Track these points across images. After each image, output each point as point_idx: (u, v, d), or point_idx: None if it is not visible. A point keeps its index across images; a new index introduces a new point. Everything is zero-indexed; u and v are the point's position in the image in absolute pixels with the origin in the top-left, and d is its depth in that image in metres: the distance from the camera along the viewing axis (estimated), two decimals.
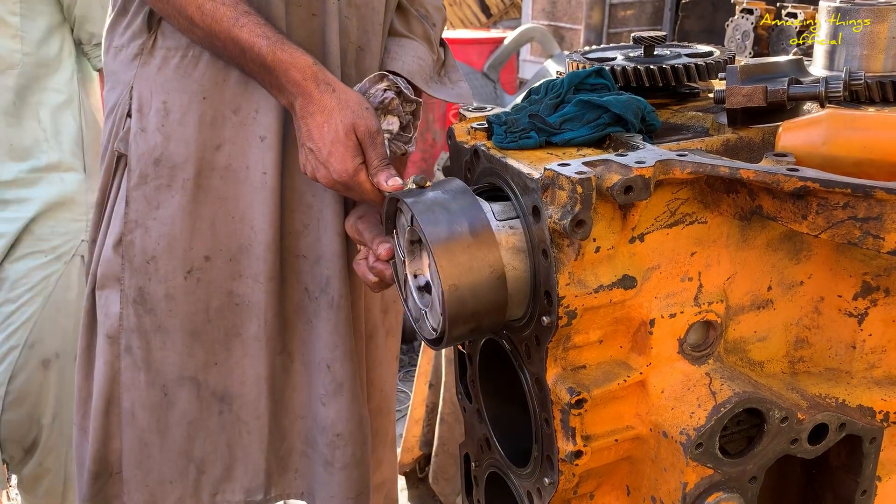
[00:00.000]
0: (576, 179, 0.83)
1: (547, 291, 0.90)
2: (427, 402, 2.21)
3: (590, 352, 0.95)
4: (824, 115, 0.93)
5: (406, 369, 3.61)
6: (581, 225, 0.85)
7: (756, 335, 1.00)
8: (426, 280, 1.02)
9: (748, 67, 1.05)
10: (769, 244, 0.96)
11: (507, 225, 0.94)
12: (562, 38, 8.66)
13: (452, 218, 0.92)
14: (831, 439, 0.96)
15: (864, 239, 0.80)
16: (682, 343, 0.96)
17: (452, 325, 0.92)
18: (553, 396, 0.94)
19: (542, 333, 0.93)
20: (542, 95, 1.08)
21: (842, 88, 1.01)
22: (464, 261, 0.90)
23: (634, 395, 0.97)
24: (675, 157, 0.87)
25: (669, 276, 0.94)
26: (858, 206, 0.79)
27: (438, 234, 0.91)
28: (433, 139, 5.28)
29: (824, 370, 1.01)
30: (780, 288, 0.98)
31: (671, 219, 0.91)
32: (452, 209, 0.93)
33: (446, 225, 0.91)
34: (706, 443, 0.91)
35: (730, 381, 0.94)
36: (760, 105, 1.03)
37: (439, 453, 2.11)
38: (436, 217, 0.92)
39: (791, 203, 0.83)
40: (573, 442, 0.94)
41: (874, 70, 1.16)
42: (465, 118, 1.13)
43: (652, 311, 0.93)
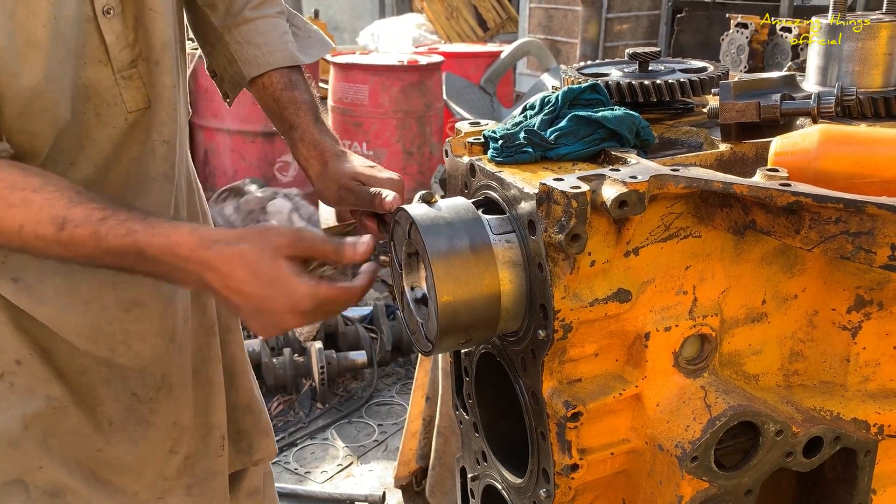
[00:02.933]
0: (571, 194, 0.84)
1: (543, 305, 0.90)
2: (424, 415, 2.21)
3: (585, 365, 0.96)
4: (817, 131, 0.94)
5: (403, 382, 3.60)
6: (576, 239, 0.85)
7: (751, 348, 1.01)
8: (423, 293, 1.03)
9: (741, 83, 1.06)
10: (763, 258, 0.97)
11: (503, 238, 0.95)
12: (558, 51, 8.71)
13: (454, 233, 0.93)
14: (826, 452, 0.97)
15: (856, 253, 0.81)
16: (677, 356, 0.96)
17: (443, 335, 0.94)
18: (549, 409, 0.94)
19: (537, 347, 0.93)
20: (538, 110, 1.09)
21: (834, 104, 1.02)
22: (461, 275, 0.92)
23: (630, 408, 0.97)
24: (670, 172, 0.88)
25: (664, 290, 0.94)
26: (850, 220, 0.80)
27: (439, 247, 0.92)
28: (430, 152, 5.30)
29: (819, 383, 1.01)
30: (774, 301, 0.99)
31: (666, 233, 0.92)
32: (455, 225, 0.94)
33: (447, 239, 0.93)
34: (701, 456, 0.91)
35: (725, 395, 0.95)
36: (753, 120, 1.04)
37: (436, 466, 2.11)
38: (437, 231, 0.93)
39: (784, 218, 0.84)
40: (569, 455, 0.95)
41: (866, 86, 1.17)
42: (461, 133, 1.13)
43: (647, 324, 0.93)
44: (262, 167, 4.83)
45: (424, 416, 2.20)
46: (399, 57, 5.60)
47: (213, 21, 1.44)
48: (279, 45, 1.43)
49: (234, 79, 1.46)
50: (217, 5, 1.44)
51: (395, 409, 3.43)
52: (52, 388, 1.31)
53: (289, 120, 1.42)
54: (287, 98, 1.42)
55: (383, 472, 3.02)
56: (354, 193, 1.30)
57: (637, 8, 8.53)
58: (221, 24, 1.44)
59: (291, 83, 1.43)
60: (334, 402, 3.45)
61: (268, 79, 1.43)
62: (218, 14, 1.44)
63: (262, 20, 1.44)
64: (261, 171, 4.82)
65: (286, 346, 3.55)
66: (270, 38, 1.43)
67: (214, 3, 1.43)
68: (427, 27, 10.65)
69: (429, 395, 2.19)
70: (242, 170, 4.77)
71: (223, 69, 1.47)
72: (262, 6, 1.45)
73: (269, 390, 3.41)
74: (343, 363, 3.50)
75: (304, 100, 1.43)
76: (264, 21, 1.44)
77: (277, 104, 1.43)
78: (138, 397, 1.40)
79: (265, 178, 4.77)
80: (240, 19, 1.43)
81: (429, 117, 5.29)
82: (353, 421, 3.35)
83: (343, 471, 3.05)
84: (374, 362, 3.62)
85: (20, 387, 1.29)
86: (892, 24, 1.16)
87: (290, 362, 3.42)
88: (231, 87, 1.49)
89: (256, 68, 1.42)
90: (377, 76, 5.10)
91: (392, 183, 1.28)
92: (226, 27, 1.44)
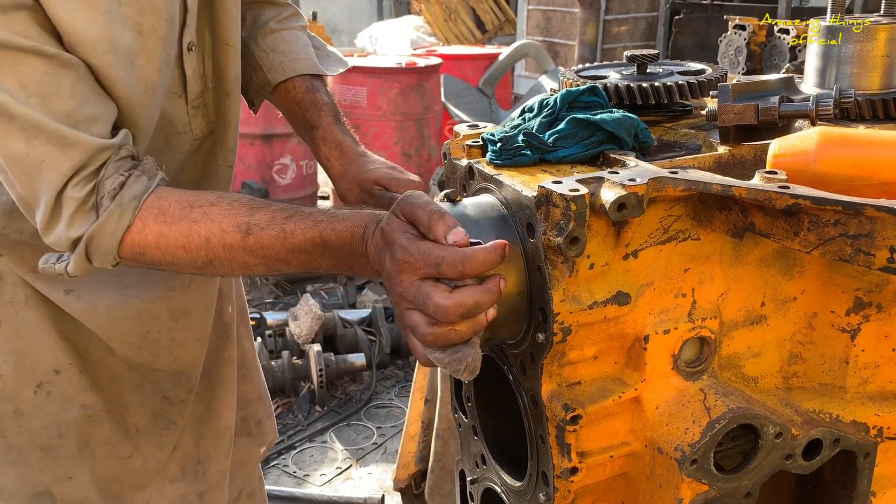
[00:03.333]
0: (569, 197, 0.84)
1: (542, 308, 0.90)
2: (423, 417, 2.20)
3: (584, 368, 0.96)
4: (815, 133, 0.94)
5: (402, 384, 3.60)
6: (575, 242, 0.85)
7: (750, 351, 1.01)
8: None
9: (740, 86, 1.06)
10: (762, 260, 0.97)
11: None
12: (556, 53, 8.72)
13: (480, 231, 0.93)
14: (825, 455, 0.97)
15: (855, 256, 0.81)
16: (676, 359, 0.96)
17: None
18: (548, 413, 0.94)
19: (536, 350, 0.93)
20: (536, 113, 1.09)
21: (832, 106, 1.02)
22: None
23: (629, 411, 0.97)
24: (668, 175, 0.88)
25: (663, 293, 0.94)
26: (849, 223, 0.80)
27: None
28: (429, 154, 5.30)
29: (818, 385, 1.01)
30: (773, 304, 0.99)
31: (664, 235, 0.92)
32: (482, 223, 0.94)
33: (474, 237, 0.93)
34: (701, 459, 0.91)
35: (724, 397, 0.95)
36: (752, 123, 1.04)
37: (435, 469, 2.11)
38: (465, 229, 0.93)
39: (783, 220, 0.84)
40: (568, 458, 0.94)
41: (864, 88, 1.17)
42: (460, 135, 1.13)
43: (646, 327, 0.93)
44: (261, 169, 4.83)
45: (423, 419, 2.19)
46: (397, 59, 5.60)
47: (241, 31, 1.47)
48: (303, 54, 1.47)
49: (259, 85, 1.49)
50: (245, 17, 1.47)
51: (393, 412, 3.43)
52: (87, 396, 1.33)
53: (311, 120, 1.44)
54: (309, 100, 1.45)
55: (382, 475, 3.02)
56: (376, 198, 1.32)
57: (635, 10, 8.55)
58: (248, 34, 1.47)
59: (313, 87, 1.47)
60: (333, 404, 3.45)
61: (291, 84, 1.46)
62: (245, 25, 1.47)
63: (287, 31, 1.48)
64: (259, 173, 4.82)
65: (284, 348, 3.54)
66: (295, 47, 1.47)
67: (242, 15, 1.45)
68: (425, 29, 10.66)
69: (428, 398, 2.19)
70: (241, 172, 4.77)
71: (248, 77, 1.50)
72: (287, 19, 1.50)
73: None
74: (342, 366, 3.49)
75: (326, 101, 1.46)
76: (289, 32, 1.48)
77: (299, 106, 1.46)
78: (169, 400, 1.43)
79: (264, 180, 4.77)
80: (266, 30, 1.47)
81: (427, 119, 5.29)
82: (351, 423, 3.35)
83: (342, 474, 3.05)
84: (373, 365, 3.61)
85: (57, 396, 1.31)
86: (890, 27, 1.16)
87: (289, 365, 3.42)
88: (256, 94, 1.51)
89: (282, 74, 1.45)
90: (375, 78, 5.10)
91: (413, 185, 1.31)
92: (251, 37, 1.47)
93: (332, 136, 1.42)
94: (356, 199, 1.37)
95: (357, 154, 1.39)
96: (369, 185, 1.34)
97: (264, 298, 4.39)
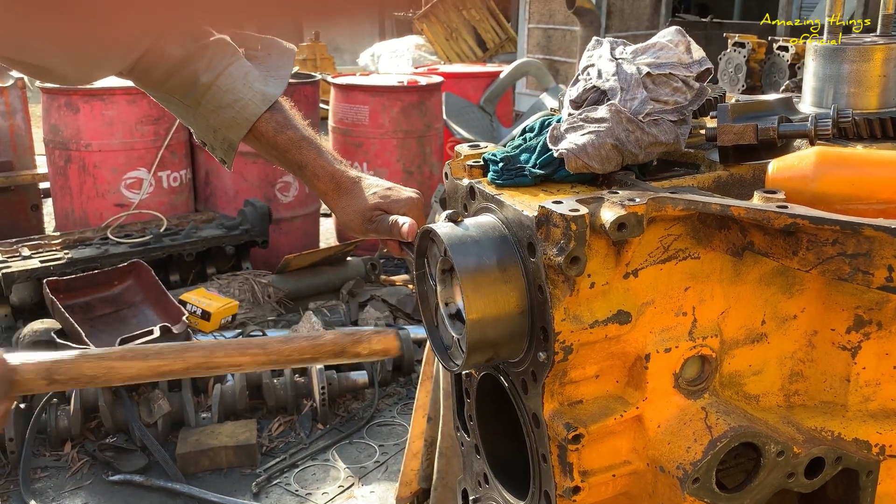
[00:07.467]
0: (570, 217, 0.85)
1: (543, 327, 0.91)
2: (425, 435, 2.20)
3: (586, 387, 0.96)
4: (813, 153, 0.95)
5: (404, 402, 3.59)
6: (576, 261, 0.86)
7: (751, 369, 1.01)
8: (457, 308, 1.04)
9: (739, 106, 1.07)
10: (762, 279, 0.97)
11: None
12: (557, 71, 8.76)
13: (482, 251, 0.95)
14: (828, 473, 0.97)
15: (853, 275, 0.81)
16: (677, 377, 0.96)
17: (472, 351, 0.96)
18: (550, 432, 0.95)
19: (538, 369, 0.93)
20: (537, 133, 1.10)
21: (830, 126, 1.03)
22: (489, 293, 0.93)
23: (631, 429, 0.97)
24: (668, 195, 0.89)
25: (664, 311, 0.95)
26: (847, 242, 0.80)
27: (467, 265, 0.94)
28: (430, 171, 5.32)
29: (819, 403, 1.01)
30: (773, 322, 0.99)
31: (664, 254, 0.93)
32: (483, 243, 0.96)
33: (475, 258, 0.94)
34: (703, 477, 0.91)
35: (725, 416, 0.95)
36: (751, 142, 1.05)
37: (438, 487, 2.10)
38: (466, 249, 0.95)
39: (782, 239, 0.85)
40: (571, 477, 0.95)
41: (861, 107, 1.18)
42: (461, 155, 1.14)
43: (647, 345, 0.94)
44: (263, 187, 4.84)
45: (426, 437, 2.19)
46: (399, 78, 5.63)
47: (182, 101, 1.41)
48: (248, 94, 1.38)
49: (224, 145, 1.44)
50: (177, 86, 1.40)
51: (396, 430, 3.42)
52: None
53: (295, 161, 1.40)
54: (283, 141, 1.39)
55: (385, 493, 3.00)
56: (376, 224, 1.32)
57: (635, 27, 8.60)
58: (189, 101, 1.40)
59: (280, 125, 1.39)
60: (335, 422, 3.44)
61: (256, 131, 1.40)
62: (182, 93, 1.41)
63: (220, 78, 1.38)
64: (262, 191, 4.83)
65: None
66: (237, 92, 1.37)
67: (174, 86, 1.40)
68: (427, 48, 10.72)
69: (430, 416, 2.18)
70: (244, 190, 4.78)
71: (211, 139, 1.45)
72: (211, 63, 1.37)
73: (269, 411, 3.40)
74: (344, 383, 3.49)
75: (302, 136, 1.40)
76: (223, 77, 1.38)
77: (277, 150, 1.40)
78: None
79: (266, 198, 4.78)
80: (201, 89, 1.38)
81: (429, 137, 5.31)
82: (354, 441, 3.34)
83: (344, 492, 3.03)
84: (375, 382, 3.61)
85: None
86: (886, 47, 1.17)
87: (291, 383, 3.41)
88: (225, 153, 1.45)
89: (238, 129, 1.39)
90: (377, 97, 5.13)
91: (411, 203, 1.31)
92: (193, 102, 1.40)
93: (323, 171, 1.38)
94: (360, 230, 1.35)
95: (352, 182, 1.37)
96: (369, 214, 1.33)
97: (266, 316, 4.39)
